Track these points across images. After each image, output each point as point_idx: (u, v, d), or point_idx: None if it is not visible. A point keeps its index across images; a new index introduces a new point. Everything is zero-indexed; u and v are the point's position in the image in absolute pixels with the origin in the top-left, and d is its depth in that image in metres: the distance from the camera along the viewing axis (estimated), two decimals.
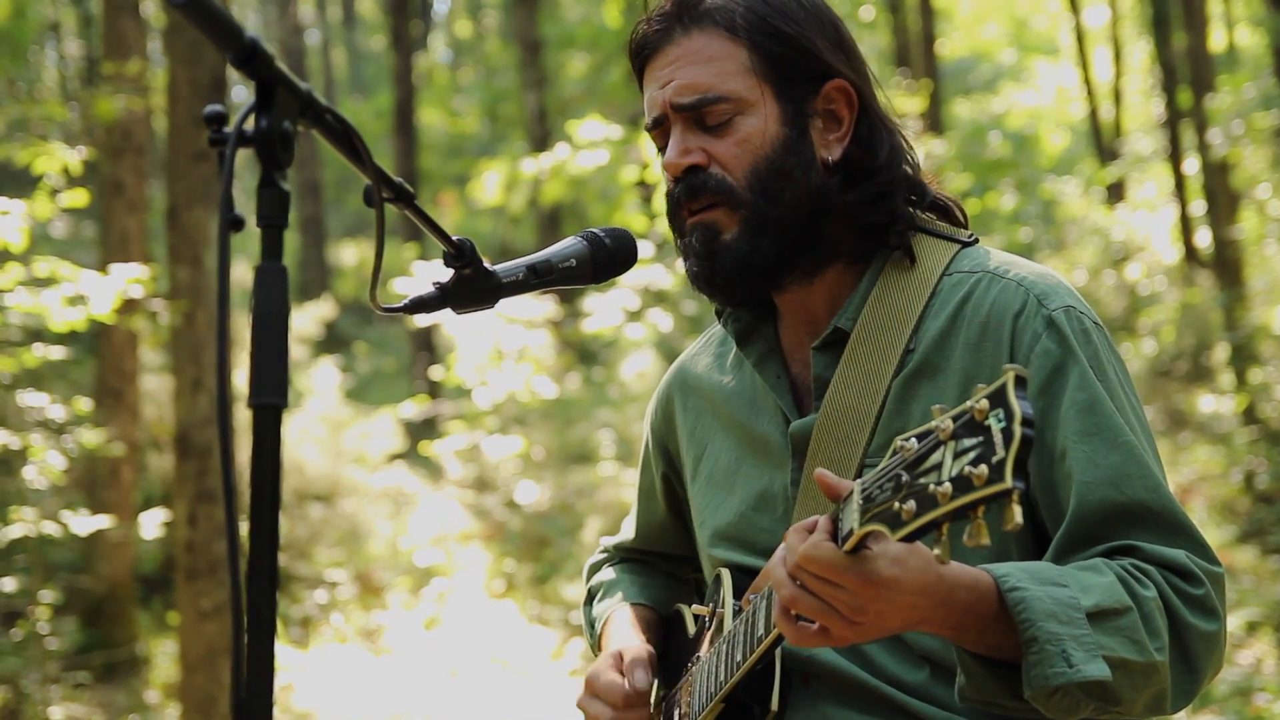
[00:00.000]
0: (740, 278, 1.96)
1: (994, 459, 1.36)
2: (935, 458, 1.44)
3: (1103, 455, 1.79)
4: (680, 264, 2.05)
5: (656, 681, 2.10)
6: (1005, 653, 1.65)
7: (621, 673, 2.07)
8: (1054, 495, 1.82)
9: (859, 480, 1.56)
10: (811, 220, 1.95)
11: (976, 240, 2.03)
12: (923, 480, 1.44)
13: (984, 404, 1.41)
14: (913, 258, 1.97)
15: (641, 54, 2.03)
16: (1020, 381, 1.39)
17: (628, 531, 2.47)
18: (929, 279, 1.95)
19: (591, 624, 2.39)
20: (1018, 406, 1.37)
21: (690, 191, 1.96)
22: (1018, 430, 1.35)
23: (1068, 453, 1.81)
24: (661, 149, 2.02)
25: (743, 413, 2.11)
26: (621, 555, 2.49)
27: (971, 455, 1.39)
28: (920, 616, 1.62)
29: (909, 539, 1.45)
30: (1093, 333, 1.88)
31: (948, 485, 1.40)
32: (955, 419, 1.44)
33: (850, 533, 1.54)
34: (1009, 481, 1.34)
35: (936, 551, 1.44)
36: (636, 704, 2.05)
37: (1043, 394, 1.84)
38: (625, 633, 2.21)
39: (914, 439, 1.49)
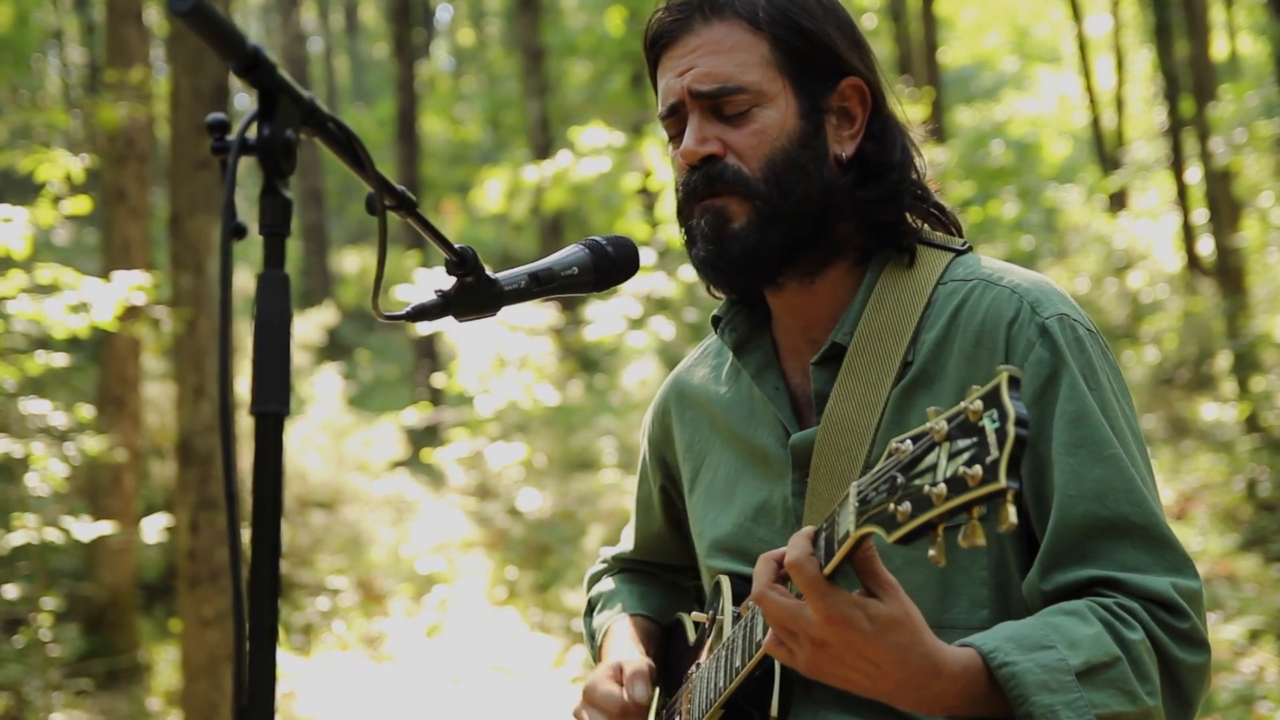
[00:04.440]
0: (748, 266, 1.95)
1: (988, 459, 1.36)
2: (930, 459, 1.44)
3: (1088, 468, 1.79)
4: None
5: (658, 690, 2.10)
6: (1004, 713, 1.67)
7: (621, 684, 2.06)
8: (1043, 506, 1.82)
9: (855, 482, 1.55)
10: (821, 215, 1.95)
11: (970, 248, 2.03)
12: (918, 481, 1.44)
13: (978, 405, 1.41)
14: (913, 258, 1.97)
15: (658, 44, 2.01)
16: (1014, 382, 1.39)
17: (627, 542, 2.47)
18: (924, 288, 1.95)
19: (592, 635, 2.39)
20: (1011, 406, 1.37)
21: (707, 181, 1.95)
22: (1011, 430, 1.35)
23: (1054, 464, 1.81)
24: (674, 137, 2.01)
25: (741, 424, 2.10)
26: (621, 565, 2.49)
27: (966, 456, 1.39)
28: (887, 690, 1.63)
29: (904, 540, 1.45)
30: (1086, 341, 1.88)
31: (942, 486, 1.40)
32: (950, 420, 1.44)
33: (846, 535, 1.54)
34: (1003, 481, 1.34)
35: (932, 553, 1.44)
36: (634, 716, 2.04)
37: (1036, 403, 1.84)
38: (625, 644, 2.21)
39: (909, 441, 1.49)
